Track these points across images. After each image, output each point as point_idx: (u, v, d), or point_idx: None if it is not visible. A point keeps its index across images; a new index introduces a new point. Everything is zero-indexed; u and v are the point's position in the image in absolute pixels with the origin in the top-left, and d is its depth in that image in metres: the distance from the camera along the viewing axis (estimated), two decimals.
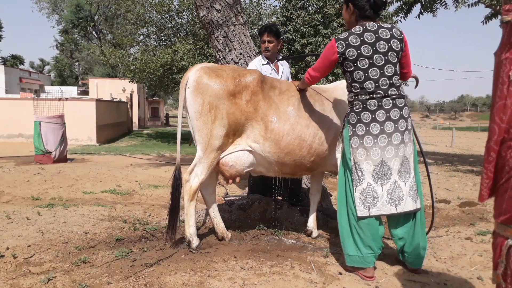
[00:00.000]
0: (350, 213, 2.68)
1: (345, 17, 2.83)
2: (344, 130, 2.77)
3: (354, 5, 2.70)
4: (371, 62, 2.62)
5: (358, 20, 2.71)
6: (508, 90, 1.43)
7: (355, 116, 2.68)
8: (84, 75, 42.84)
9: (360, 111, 2.66)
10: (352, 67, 2.65)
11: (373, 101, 2.64)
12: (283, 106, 3.13)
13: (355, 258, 2.67)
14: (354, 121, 2.67)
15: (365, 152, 2.63)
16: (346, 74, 2.74)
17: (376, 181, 2.61)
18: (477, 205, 4.83)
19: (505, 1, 1.46)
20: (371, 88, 2.64)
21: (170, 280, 2.49)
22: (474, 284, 2.58)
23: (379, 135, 2.61)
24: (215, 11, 4.23)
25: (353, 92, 2.71)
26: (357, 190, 2.63)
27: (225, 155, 3.12)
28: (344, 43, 2.64)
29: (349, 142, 2.68)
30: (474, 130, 37.05)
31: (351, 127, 2.68)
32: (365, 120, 2.64)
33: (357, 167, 2.63)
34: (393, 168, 2.62)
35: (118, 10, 18.92)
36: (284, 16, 14.00)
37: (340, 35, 2.69)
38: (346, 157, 2.72)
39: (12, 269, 2.66)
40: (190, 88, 3.00)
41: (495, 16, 9.30)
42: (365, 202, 2.61)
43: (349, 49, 2.62)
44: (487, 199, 1.52)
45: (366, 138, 2.63)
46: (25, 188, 5.88)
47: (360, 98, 2.67)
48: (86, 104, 16.49)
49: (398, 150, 2.62)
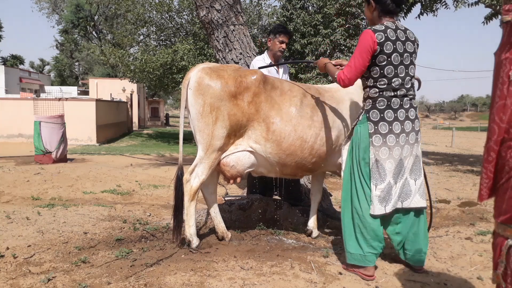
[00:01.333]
0: (354, 211, 2.68)
1: (368, 16, 2.79)
2: (360, 127, 2.70)
3: (375, 1, 2.68)
4: (401, 59, 2.62)
5: (381, 16, 2.68)
6: (508, 90, 1.43)
7: (377, 113, 2.64)
8: (84, 75, 42.83)
9: (384, 108, 2.63)
10: (385, 61, 2.60)
11: (397, 100, 2.64)
12: (285, 107, 3.12)
13: (356, 257, 2.67)
14: (376, 119, 2.64)
15: (388, 151, 2.61)
16: (373, 68, 2.65)
17: (394, 179, 2.64)
18: (477, 205, 4.83)
19: (505, 1, 1.46)
20: (397, 85, 2.63)
21: (170, 280, 2.49)
22: (474, 284, 2.58)
23: (400, 134, 2.63)
24: (215, 11, 4.23)
25: (377, 88, 2.65)
26: (378, 188, 2.61)
27: (226, 156, 3.12)
28: (383, 34, 2.57)
29: (369, 139, 2.64)
30: (474, 130, 37.04)
31: (372, 124, 2.64)
32: (388, 119, 2.63)
33: (379, 165, 2.61)
34: (407, 167, 2.66)
35: (118, 10, 18.91)
36: (284, 16, 13.99)
37: (375, 27, 2.62)
38: (360, 154, 2.67)
39: (12, 269, 2.66)
40: (192, 88, 2.99)
41: (495, 16, 9.30)
42: (383, 200, 2.62)
43: (387, 42, 2.57)
44: (487, 199, 1.52)
45: (389, 137, 2.62)
46: (25, 188, 5.88)
47: (386, 94, 2.63)
48: (86, 104, 16.49)
49: (413, 149, 2.67)
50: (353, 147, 2.74)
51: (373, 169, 2.63)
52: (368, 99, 2.72)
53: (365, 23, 14.21)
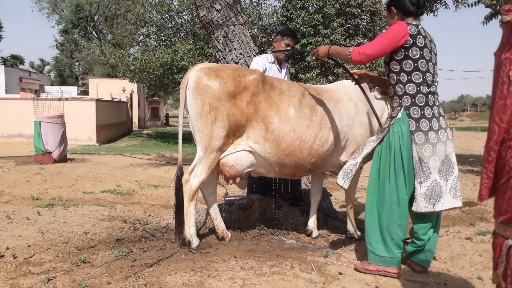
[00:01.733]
0: (384, 213, 2.64)
1: (390, 23, 2.80)
2: (400, 125, 2.63)
3: (396, 7, 2.74)
4: (430, 57, 2.64)
5: (404, 19, 2.71)
6: (508, 90, 1.43)
7: (418, 110, 2.61)
8: (84, 75, 42.83)
9: (423, 105, 2.62)
10: (418, 54, 2.59)
11: (432, 96, 2.65)
12: (284, 106, 3.12)
13: (386, 259, 2.65)
14: (417, 116, 2.60)
15: (431, 148, 2.58)
16: (405, 61, 2.62)
17: (442, 177, 2.60)
18: (477, 205, 4.83)
19: (505, 1, 1.47)
20: (430, 81, 2.63)
21: (170, 280, 2.49)
22: (474, 284, 2.58)
23: (438, 130, 2.62)
24: (215, 11, 4.23)
25: (414, 83, 2.62)
26: (423, 186, 2.57)
27: (225, 156, 3.12)
28: (416, 28, 2.59)
29: (411, 137, 2.60)
30: (474, 130, 37.05)
31: (413, 122, 2.60)
32: (428, 116, 2.61)
33: (423, 163, 2.57)
34: (454, 162, 2.64)
35: (118, 10, 18.93)
36: (284, 16, 13.99)
37: (407, 21, 2.65)
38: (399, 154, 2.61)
39: (12, 269, 2.66)
40: (190, 89, 2.99)
41: (495, 16, 9.30)
42: (430, 198, 2.58)
43: (419, 36, 2.58)
44: (487, 199, 1.52)
45: (430, 133, 2.60)
46: (25, 188, 5.88)
47: (423, 90, 2.62)
48: (86, 104, 16.49)
49: (453, 144, 2.68)
50: (389, 147, 2.66)
51: (417, 167, 2.58)
52: (405, 96, 2.65)
53: (365, 23, 14.22)
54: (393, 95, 2.75)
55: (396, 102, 2.73)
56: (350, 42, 13.33)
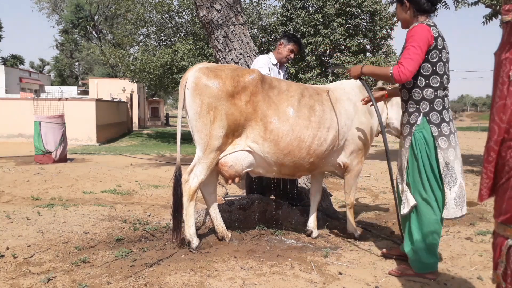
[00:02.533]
0: (426, 219, 2.59)
1: (400, 16, 2.70)
2: (422, 132, 2.57)
3: (410, 1, 2.61)
4: (447, 58, 2.58)
5: (417, 16, 2.61)
6: (508, 90, 1.43)
7: (437, 115, 2.56)
8: (84, 75, 42.82)
9: (441, 109, 2.56)
10: (437, 57, 2.51)
11: (446, 99, 2.60)
12: (283, 106, 3.12)
13: (432, 265, 2.63)
14: (438, 121, 2.55)
15: (454, 151, 2.55)
16: (423, 65, 2.54)
17: (463, 180, 2.59)
18: (477, 205, 4.83)
19: (505, 1, 1.47)
20: (446, 83, 2.58)
21: (170, 280, 2.49)
22: (474, 284, 2.58)
23: (455, 133, 2.60)
24: (215, 11, 4.23)
25: (432, 88, 2.55)
26: (453, 191, 2.53)
27: (224, 155, 3.12)
28: (436, 29, 2.50)
29: (434, 143, 2.53)
30: (474, 130, 37.02)
31: (435, 127, 2.54)
32: (446, 119, 2.57)
33: (450, 168, 2.52)
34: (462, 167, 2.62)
35: (118, 10, 18.88)
36: (284, 16, 13.99)
37: (427, 22, 2.54)
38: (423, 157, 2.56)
39: (12, 269, 2.66)
40: (189, 89, 2.99)
41: (495, 16, 9.29)
42: (459, 203, 2.55)
43: (439, 38, 2.51)
44: (487, 199, 1.52)
45: (451, 137, 2.55)
46: (25, 188, 5.88)
47: (440, 94, 2.56)
48: (86, 104, 16.49)
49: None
50: (414, 156, 2.60)
51: (444, 173, 2.52)
52: (423, 101, 2.58)
53: (365, 23, 14.21)
54: (408, 99, 2.66)
55: (412, 108, 2.64)
56: (350, 42, 13.32)
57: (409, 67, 2.48)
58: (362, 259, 2.96)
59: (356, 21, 13.45)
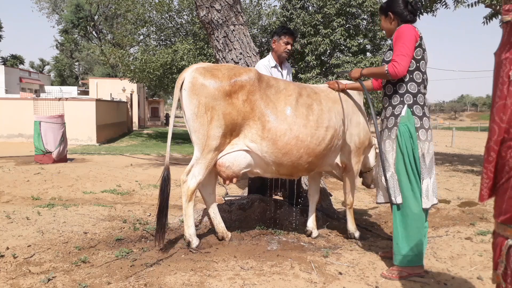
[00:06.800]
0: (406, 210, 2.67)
1: (385, 27, 2.90)
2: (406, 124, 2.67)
3: (394, 13, 2.80)
4: (427, 60, 2.76)
5: (399, 26, 2.78)
6: (508, 90, 1.43)
7: (420, 109, 2.71)
8: (84, 75, 42.82)
9: (423, 105, 2.73)
10: (420, 56, 2.70)
11: (425, 97, 2.76)
12: (280, 105, 3.11)
13: (411, 258, 2.65)
14: (420, 114, 2.70)
15: (428, 145, 2.69)
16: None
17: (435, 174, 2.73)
18: (477, 205, 4.83)
19: (505, 1, 1.47)
20: (426, 82, 2.75)
21: (170, 280, 2.49)
22: (474, 284, 2.58)
23: (431, 129, 2.76)
24: (215, 11, 4.23)
25: (415, 82, 2.72)
26: (424, 183, 2.66)
27: (222, 156, 3.10)
28: (419, 30, 2.70)
29: (416, 134, 2.67)
30: (474, 130, 37.03)
31: (418, 119, 2.69)
32: (427, 115, 2.74)
33: (426, 159, 2.67)
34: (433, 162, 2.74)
35: (118, 10, 18.90)
36: (284, 16, 13.98)
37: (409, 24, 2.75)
38: (408, 150, 2.65)
39: (12, 269, 2.66)
40: (186, 89, 2.97)
41: (495, 16, 9.29)
42: (430, 194, 2.67)
43: (423, 38, 2.71)
44: (487, 199, 1.52)
45: (429, 131, 2.71)
46: (25, 188, 5.88)
47: (422, 90, 2.73)
48: (86, 104, 16.47)
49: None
50: (401, 151, 2.69)
51: (421, 164, 2.66)
52: (407, 94, 2.73)
53: (365, 23, 14.21)
54: (392, 93, 2.81)
55: (396, 100, 2.77)
56: (350, 42, 13.31)
57: (403, 63, 2.65)
58: (362, 259, 2.96)
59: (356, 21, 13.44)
